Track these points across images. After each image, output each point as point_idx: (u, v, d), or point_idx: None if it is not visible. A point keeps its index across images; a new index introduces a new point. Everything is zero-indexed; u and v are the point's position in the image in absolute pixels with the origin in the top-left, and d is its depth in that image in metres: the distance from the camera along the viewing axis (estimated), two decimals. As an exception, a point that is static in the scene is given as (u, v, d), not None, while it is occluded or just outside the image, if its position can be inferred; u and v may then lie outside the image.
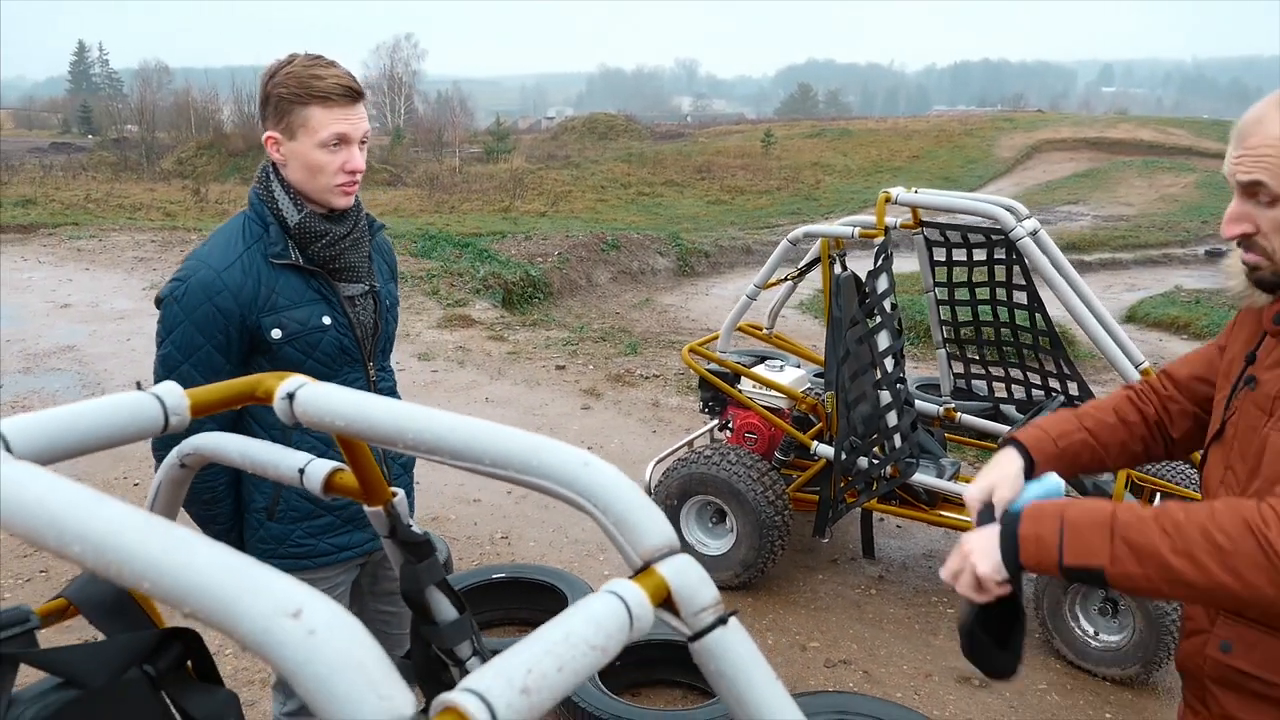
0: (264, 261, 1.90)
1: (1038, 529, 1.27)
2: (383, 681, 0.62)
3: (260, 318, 1.88)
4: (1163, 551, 1.19)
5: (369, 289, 2.04)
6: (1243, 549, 1.15)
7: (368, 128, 1.93)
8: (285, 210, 1.92)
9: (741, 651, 0.87)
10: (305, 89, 1.83)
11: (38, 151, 37.32)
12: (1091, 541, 1.24)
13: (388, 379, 2.17)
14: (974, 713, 3.26)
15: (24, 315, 8.82)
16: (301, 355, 1.93)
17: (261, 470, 1.30)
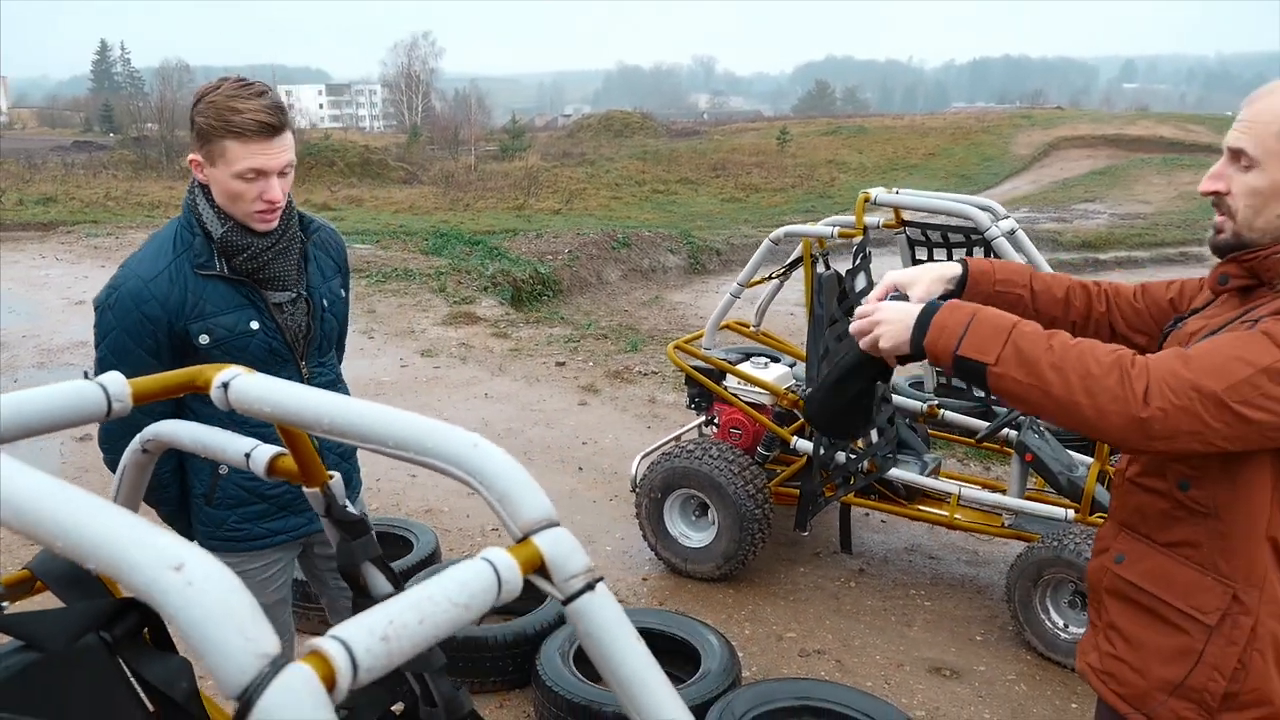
0: (191, 271, 1.98)
1: (949, 318, 1.41)
2: (250, 626, 0.72)
3: (188, 324, 1.97)
4: (1042, 363, 1.33)
5: (297, 295, 2.11)
6: (1107, 380, 1.29)
7: (289, 159, 1.95)
8: (210, 224, 1.99)
9: (607, 614, 0.97)
10: (222, 122, 1.87)
11: (60, 150, 37.79)
12: (988, 340, 1.37)
13: (326, 373, 2.24)
14: (941, 702, 3.34)
15: (41, 311, 9.02)
16: (229, 359, 1.98)
17: (213, 454, 1.41)
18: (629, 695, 0.95)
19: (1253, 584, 1.41)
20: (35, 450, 5.48)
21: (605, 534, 4.61)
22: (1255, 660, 1.41)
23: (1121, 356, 1.31)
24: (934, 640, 3.73)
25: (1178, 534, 1.47)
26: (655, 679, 0.96)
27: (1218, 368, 1.27)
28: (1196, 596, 1.45)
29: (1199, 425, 1.27)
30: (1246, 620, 1.41)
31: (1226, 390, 1.26)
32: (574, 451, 5.68)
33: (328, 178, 29.23)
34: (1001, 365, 1.36)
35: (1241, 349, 1.29)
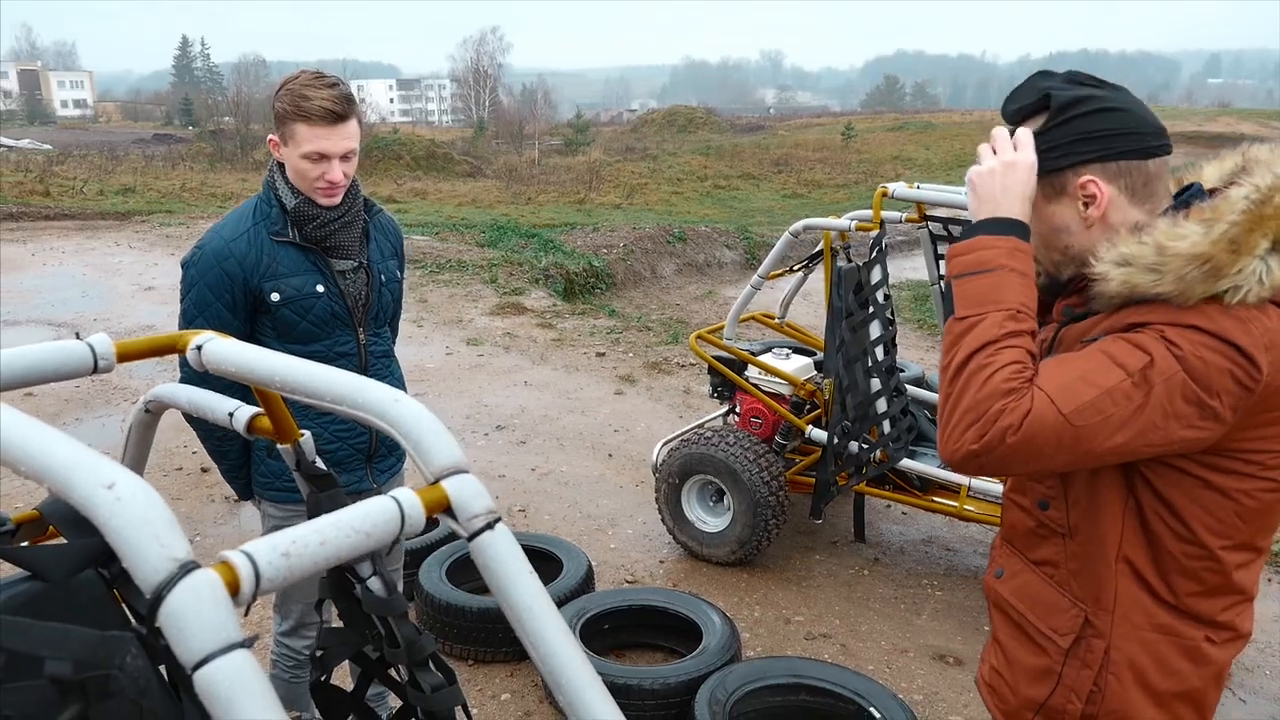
0: (268, 236, 2.23)
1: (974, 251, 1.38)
2: (166, 535, 0.85)
3: (262, 283, 2.20)
4: (966, 336, 1.34)
5: (359, 264, 2.34)
6: (983, 396, 1.29)
7: (350, 146, 2.17)
8: (284, 196, 2.24)
9: (503, 549, 1.09)
10: (294, 107, 2.11)
11: (141, 142, 39.23)
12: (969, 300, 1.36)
13: (381, 343, 2.46)
14: (941, 687, 3.40)
15: (112, 296, 9.46)
16: (297, 317, 2.25)
17: (203, 414, 1.57)
18: (519, 620, 1.07)
19: (1103, 607, 1.42)
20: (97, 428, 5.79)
21: (628, 518, 4.73)
22: (1111, 683, 1.42)
23: (1014, 392, 1.28)
24: (941, 629, 3.78)
25: (1042, 553, 1.49)
26: (544, 608, 1.08)
27: (1064, 388, 1.27)
28: (1054, 617, 1.47)
29: (1036, 455, 1.28)
30: (1099, 644, 1.43)
31: (1072, 413, 1.26)
32: (605, 439, 5.82)
33: (394, 171, 29.83)
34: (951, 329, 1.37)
35: (1088, 371, 1.28)
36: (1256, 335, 1.25)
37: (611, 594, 3.55)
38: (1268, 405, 1.29)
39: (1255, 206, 1.27)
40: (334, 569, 1.60)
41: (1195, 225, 1.29)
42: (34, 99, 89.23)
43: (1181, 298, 1.28)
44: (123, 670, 0.97)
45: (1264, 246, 1.27)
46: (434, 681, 1.50)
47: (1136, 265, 1.30)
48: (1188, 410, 1.26)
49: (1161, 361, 1.26)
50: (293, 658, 2.56)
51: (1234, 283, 1.26)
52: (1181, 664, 1.43)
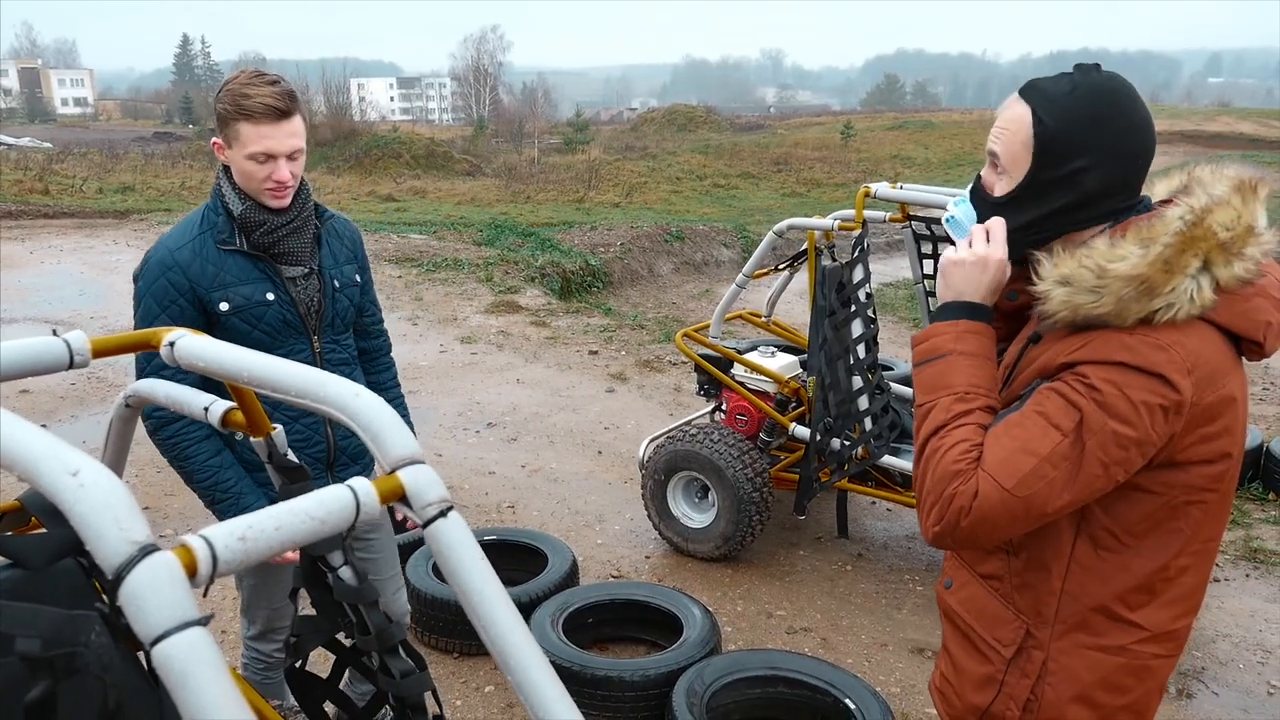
0: (214, 245, 2.18)
1: (929, 340, 1.50)
2: (125, 518, 0.90)
3: (210, 293, 2.16)
4: (923, 422, 1.46)
5: (310, 270, 2.29)
6: (937, 479, 1.39)
7: (296, 145, 2.12)
8: (231, 202, 2.19)
9: (456, 536, 1.14)
10: (235, 106, 2.06)
11: (141, 140, 39.27)
12: (924, 388, 1.48)
13: (340, 351, 2.41)
14: (918, 679, 3.46)
15: (109, 295, 9.51)
16: (248, 326, 2.21)
17: (180, 409, 1.62)
18: (471, 603, 1.12)
19: (1044, 620, 1.47)
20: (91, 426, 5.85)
21: (616, 514, 4.79)
22: (1047, 693, 1.47)
23: (961, 475, 1.36)
24: (921, 623, 3.83)
25: (988, 567, 1.55)
26: (494, 592, 1.13)
27: (1003, 463, 1.33)
28: (998, 628, 1.52)
29: (993, 529, 1.36)
30: (1039, 654, 1.48)
31: (1015, 487, 1.32)
32: (595, 436, 5.87)
33: (394, 170, 29.87)
34: (916, 417, 1.49)
35: (1025, 439, 1.34)
36: (1178, 361, 1.29)
37: (595, 588, 3.60)
38: (1198, 422, 1.33)
39: (1188, 228, 1.31)
40: (307, 558, 1.66)
41: (1134, 246, 1.33)
42: (34, 97, 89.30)
43: (1118, 318, 1.32)
44: (88, 647, 1.03)
45: (1195, 266, 1.31)
46: (403, 668, 1.55)
47: (1076, 286, 1.34)
48: (1122, 455, 1.32)
49: (1090, 416, 1.31)
50: (263, 660, 2.59)
51: (1166, 301, 1.30)
52: (1127, 680, 1.47)
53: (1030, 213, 1.46)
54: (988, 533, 1.37)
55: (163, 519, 4.59)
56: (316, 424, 2.35)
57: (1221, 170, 1.43)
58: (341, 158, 31.22)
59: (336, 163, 30.59)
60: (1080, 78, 1.44)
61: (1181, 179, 1.47)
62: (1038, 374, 1.42)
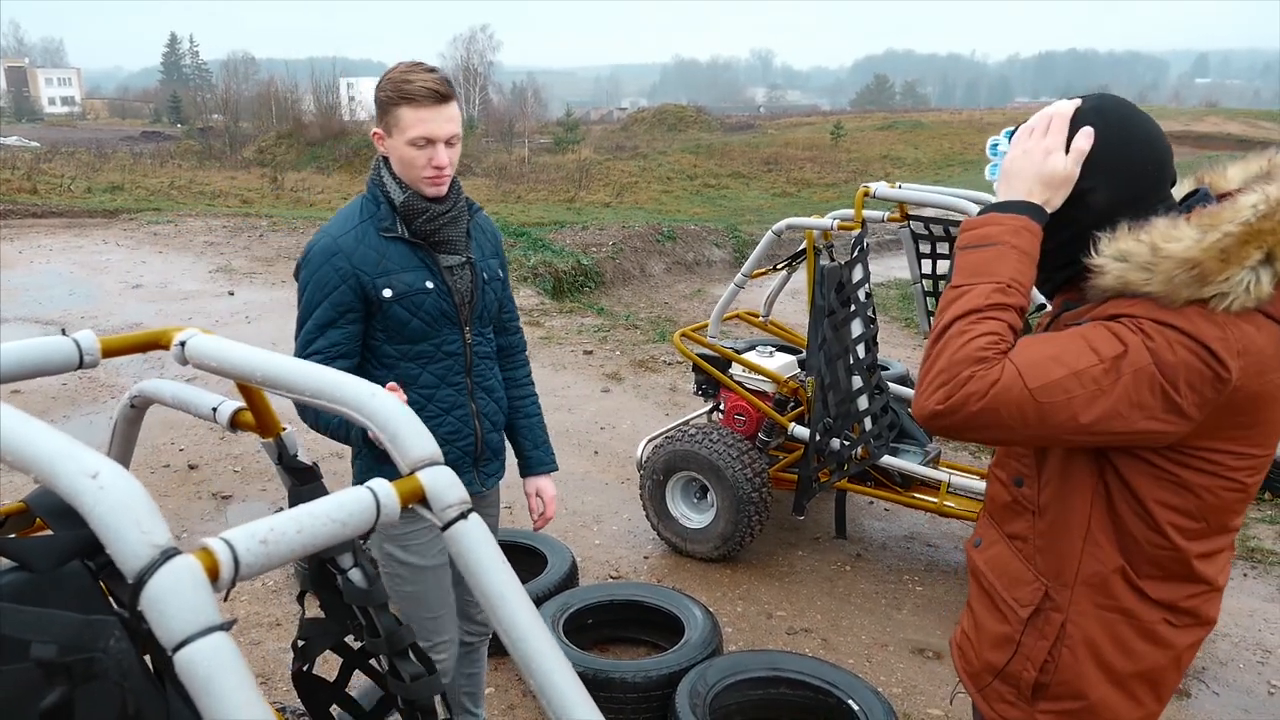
0: (376, 233, 2.20)
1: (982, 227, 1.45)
2: (146, 521, 0.89)
3: (374, 279, 2.17)
4: (954, 303, 1.41)
5: (465, 260, 2.30)
6: (957, 360, 1.35)
7: (454, 130, 2.14)
8: (392, 191, 2.21)
9: (476, 538, 1.13)
10: (397, 91, 2.10)
11: (129, 140, 39.07)
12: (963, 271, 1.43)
13: (485, 345, 2.40)
14: (919, 680, 3.45)
15: (99, 294, 9.45)
16: (408, 314, 2.20)
17: (187, 408, 1.60)
18: (491, 606, 1.10)
19: (1063, 583, 1.48)
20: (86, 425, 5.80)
21: (613, 514, 4.77)
22: (1065, 656, 1.48)
23: (989, 362, 1.34)
24: (921, 623, 3.83)
25: (1014, 527, 1.55)
26: (515, 594, 1.12)
27: (1034, 363, 1.31)
28: (1018, 589, 1.53)
29: (995, 426, 1.33)
30: (1057, 616, 1.49)
31: (1039, 389, 1.30)
32: (591, 436, 5.86)
33: (383, 169, 29.78)
34: (945, 296, 1.44)
35: (1062, 352, 1.32)
36: (1231, 341, 1.28)
37: (595, 589, 3.58)
38: (1236, 409, 1.32)
39: (1258, 219, 1.29)
40: (316, 560, 1.64)
41: (1192, 230, 1.31)
42: (21, 96, 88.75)
43: (1167, 298, 1.31)
44: (106, 653, 1.01)
45: (1256, 258, 1.29)
46: (413, 670, 1.53)
47: (1131, 262, 1.34)
48: (1153, 402, 1.29)
49: (1135, 353, 1.29)
50: None
51: (1219, 290, 1.28)
52: (1139, 644, 1.48)
53: (1053, 239, 1.46)
54: (991, 425, 1.34)
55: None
56: (467, 417, 2.35)
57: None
58: (331, 157, 31.09)
59: (326, 162, 30.47)
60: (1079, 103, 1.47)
61: (1261, 164, 1.45)
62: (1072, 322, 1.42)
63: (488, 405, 2.41)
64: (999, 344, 1.35)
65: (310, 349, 2.17)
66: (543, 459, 2.58)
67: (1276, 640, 3.77)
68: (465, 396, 2.34)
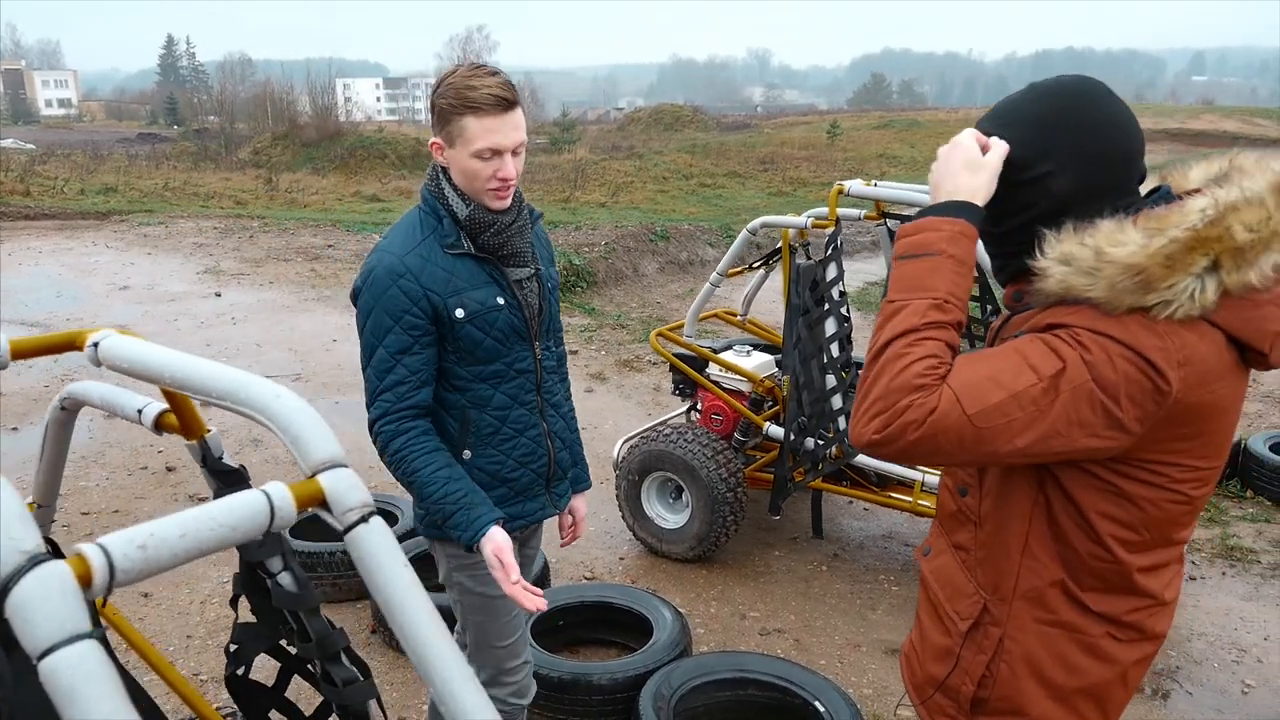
0: (441, 250, 2.05)
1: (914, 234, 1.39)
2: (15, 528, 0.87)
3: (445, 299, 2.03)
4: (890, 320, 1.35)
5: (534, 272, 2.16)
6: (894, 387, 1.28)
7: (521, 138, 1.99)
8: (455, 205, 2.05)
9: (377, 542, 1.10)
10: (460, 100, 1.93)
11: (125, 142, 39.06)
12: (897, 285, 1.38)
13: (550, 358, 2.28)
14: (891, 680, 3.43)
15: (86, 296, 9.42)
16: (481, 333, 2.07)
17: (114, 410, 1.59)
18: (392, 611, 1.08)
19: (1001, 597, 1.45)
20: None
21: (590, 515, 4.71)
22: (1003, 671, 1.45)
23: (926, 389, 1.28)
24: (895, 623, 3.81)
25: (959, 536, 1.53)
26: (416, 599, 1.10)
27: (972, 387, 1.27)
28: (959, 600, 1.51)
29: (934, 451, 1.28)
30: (995, 631, 1.46)
31: (976, 414, 1.26)
32: (573, 436, 5.83)
33: (379, 170, 29.73)
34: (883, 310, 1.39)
35: (999, 372, 1.28)
36: (1171, 351, 1.24)
37: (565, 590, 3.56)
38: (1178, 421, 1.28)
39: (1204, 225, 1.24)
40: (245, 565, 1.62)
41: (1138, 234, 1.26)
42: (18, 98, 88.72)
43: (1109, 305, 1.26)
44: (-23, 663, 0.98)
45: (1202, 264, 1.24)
46: (346, 676, 1.51)
47: (1075, 266, 1.29)
48: (1093, 419, 1.25)
49: (1073, 369, 1.25)
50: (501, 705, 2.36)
51: (1163, 298, 1.24)
52: (1081, 659, 1.44)
53: (1010, 221, 1.42)
54: (926, 452, 1.29)
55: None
56: (540, 437, 2.22)
57: (1267, 162, 1.35)
58: (326, 158, 31.05)
59: (321, 163, 30.43)
60: (1037, 86, 1.43)
61: (1221, 165, 1.39)
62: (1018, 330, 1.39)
63: (557, 422, 2.30)
64: (937, 368, 1.29)
65: (389, 378, 2.02)
66: (580, 476, 2.44)
67: (1252, 639, 3.75)
68: (537, 415, 2.22)
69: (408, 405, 2.03)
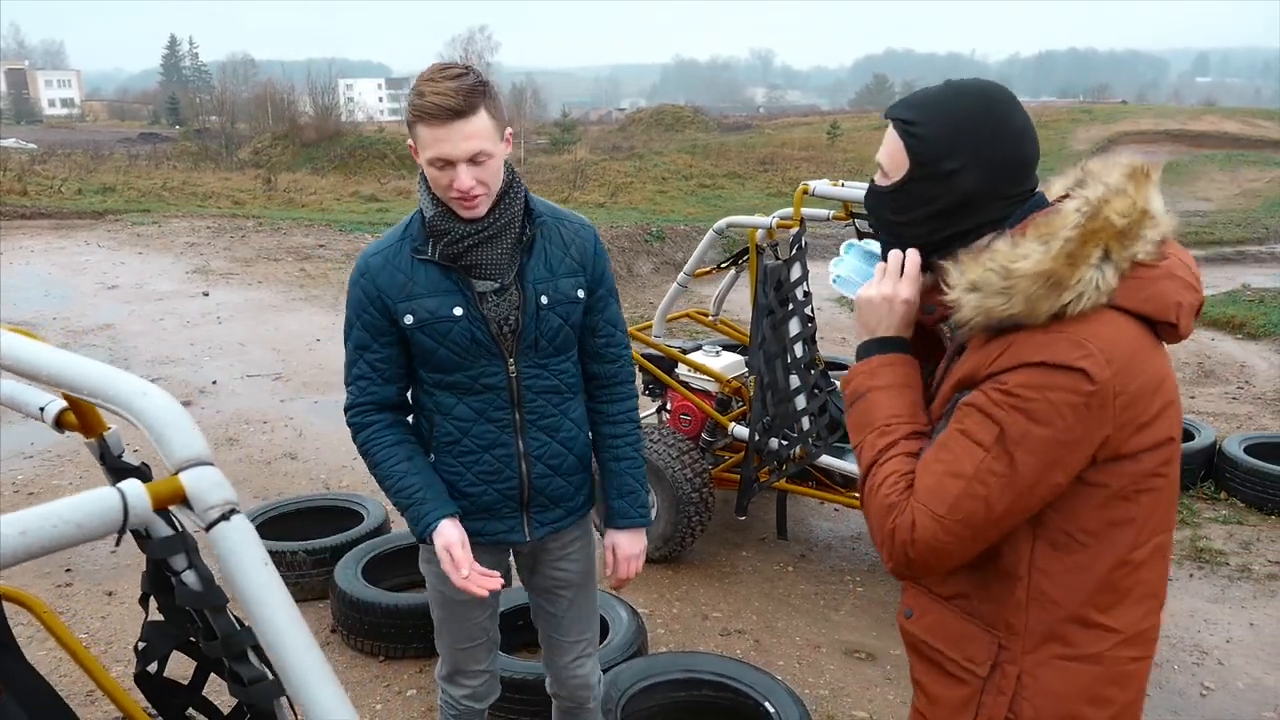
0: (410, 253, 2.00)
1: (855, 378, 1.53)
2: None
3: (395, 304, 1.99)
4: (859, 462, 1.48)
5: (505, 285, 2.02)
6: (877, 519, 1.41)
7: (475, 148, 1.85)
8: (425, 208, 2.00)
9: (238, 539, 1.10)
10: (413, 106, 1.87)
11: (126, 141, 39.13)
12: (855, 428, 1.52)
13: (547, 377, 2.09)
14: (848, 681, 3.43)
15: (74, 295, 9.44)
16: (434, 343, 2.00)
17: (16, 407, 1.58)
18: (250, 607, 1.08)
19: (1014, 633, 1.41)
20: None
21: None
22: (1025, 709, 1.40)
23: (896, 508, 1.36)
24: (856, 624, 3.80)
25: (951, 587, 1.48)
26: (276, 598, 1.09)
27: (933, 490, 1.33)
28: (969, 647, 1.45)
29: (944, 555, 1.35)
30: (1012, 669, 1.41)
31: (948, 512, 1.31)
32: (549, 436, 5.83)
33: (378, 170, 29.80)
34: (855, 452, 1.51)
35: (950, 461, 1.33)
36: (1096, 353, 1.27)
37: (521, 590, 3.56)
38: (1131, 412, 1.30)
39: (1086, 220, 1.31)
40: (152, 562, 1.62)
41: (1034, 244, 1.32)
42: (21, 98, 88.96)
43: (1030, 316, 1.30)
44: None
45: (1097, 256, 1.31)
46: (252, 675, 1.51)
47: (985, 290, 1.33)
48: (1054, 457, 1.28)
49: (1010, 427, 1.29)
50: (453, 706, 2.36)
51: (1075, 292, 1.29)
52: (1109, 690, 1.40)
53: (914, 211, 1.46)
54: (941, 560, 1.35)
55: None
56: (509, 457, 2.10)
57: (1113, 160, 1.44)
58: (326, 158, 31.15)
59: (321, 163, 30.51)
60: (955, 84, 1.47)
61: (1076, 174, 1.47)
62: (957, 387, 1.41)
63: (546, 446, 2.12)
64: (899, 483, 1.39)
65: (353, 371, 2.06)
66: (625, 510, 2.25)
67: (1214, 641, 3.74)
68: (510, 434, 2.08)
69: (370, 400, 2.06)
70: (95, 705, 3.05)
